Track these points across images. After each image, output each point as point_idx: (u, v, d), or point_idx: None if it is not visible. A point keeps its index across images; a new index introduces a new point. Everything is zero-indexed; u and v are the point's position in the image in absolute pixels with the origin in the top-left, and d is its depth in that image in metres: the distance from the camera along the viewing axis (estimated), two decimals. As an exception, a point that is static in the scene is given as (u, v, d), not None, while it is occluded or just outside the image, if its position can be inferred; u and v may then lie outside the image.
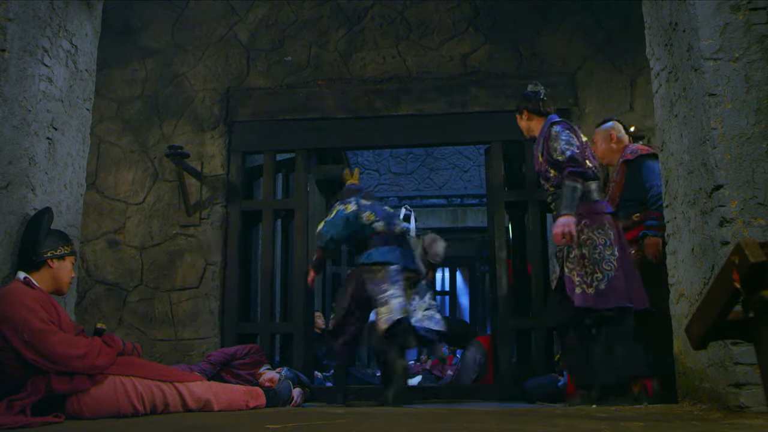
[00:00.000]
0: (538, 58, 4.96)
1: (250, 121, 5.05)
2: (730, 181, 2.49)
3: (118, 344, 2.82)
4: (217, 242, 4.84)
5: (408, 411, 2.93)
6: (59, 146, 3.22)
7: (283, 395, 3.44)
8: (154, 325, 4.75)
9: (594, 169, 3.42)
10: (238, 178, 4.98)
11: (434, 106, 4.95)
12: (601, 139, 3.92)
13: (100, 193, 4.98)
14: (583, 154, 3.37)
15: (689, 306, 2.77)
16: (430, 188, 10.11)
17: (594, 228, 3.29)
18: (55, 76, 3.17)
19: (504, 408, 3.29)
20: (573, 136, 3.40)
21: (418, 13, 5.15)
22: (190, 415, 2.75)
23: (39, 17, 3.04)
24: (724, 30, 2.60)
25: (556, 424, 2.14)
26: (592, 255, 3.24)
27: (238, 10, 5.26)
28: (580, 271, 3.24)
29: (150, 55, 5.22)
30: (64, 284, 2.87)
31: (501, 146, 4.95)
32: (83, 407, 2.58)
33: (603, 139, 3.91)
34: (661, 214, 3.19)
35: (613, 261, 3.23)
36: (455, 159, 10.20)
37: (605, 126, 3.95)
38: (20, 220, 2.87)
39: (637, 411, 2.70)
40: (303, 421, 2.38)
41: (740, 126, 2.53)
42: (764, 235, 2.41)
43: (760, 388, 2.21)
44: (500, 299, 4.76)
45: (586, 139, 3.56)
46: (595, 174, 3.42)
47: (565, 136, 3.38)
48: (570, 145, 3.35)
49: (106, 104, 5.09)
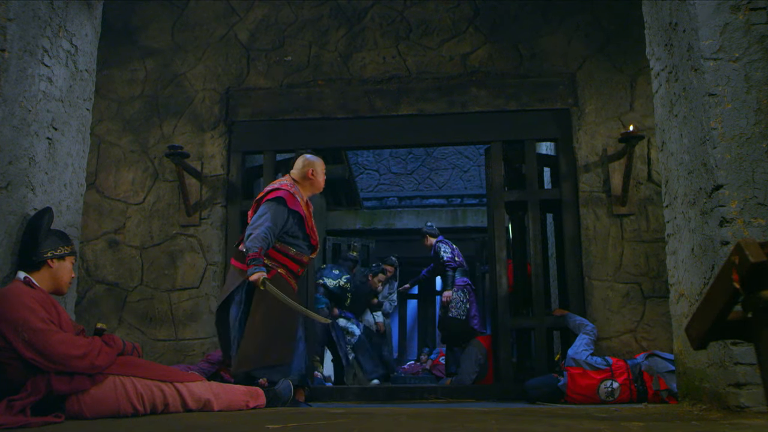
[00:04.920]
0: (538, 58, 4.96)
1: (250, 121, 5.05)
2: (730, 181, 2.49)
3: (118, 344, 2.81)
4: (217, 242, 4.84)
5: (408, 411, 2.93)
6: (59, 146, 3.22)
7: (283, 395, 3.44)
8: (154, 325, 4.75)
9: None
10: (238, 178, 4.98)
11: (434, 106, 4.95)
12: None
13: (100, 193, 4.98)
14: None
15: (689, 306, 2.77)
16: (430, 188, 10.12)
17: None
18: (55, 76, 3.17)
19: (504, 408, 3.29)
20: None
21: (418, 13, 5.15)
22: (190, 415, 2.75)
23: (39, 17, 3.04)
24: (724, 30, 2.61)
25: (556, 424, 2.14)
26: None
27: (238, 10, 5.26)
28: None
29: (150, 55, 5.22)
30: (64, 284, 2.87)
31: (501, 146, 4.95)
32: (83, 407, 2.58)
33: None
34: None
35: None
36: (455, 159, 10.20)
37: None
38: (20, 220, 2.87)
39: (637, 411, 2.70)
40: (303, 421, 2.38)
41: (740, 126, 2.53)
42: (764, 235, 2.42)
43: (760, 388, 2.22)
44: (500, 299, 4.76)
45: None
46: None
47: None
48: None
49: (106, 104, 5.09)
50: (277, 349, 3.49)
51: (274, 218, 3.49)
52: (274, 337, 3.48)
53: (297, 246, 3.67)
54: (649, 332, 4.42)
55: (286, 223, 3.56)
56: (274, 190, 3.64)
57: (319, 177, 3.81)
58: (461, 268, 6.22)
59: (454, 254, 6.18)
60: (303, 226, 3.67)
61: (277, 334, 3.49)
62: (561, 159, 4.81)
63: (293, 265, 3.66)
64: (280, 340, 3.51)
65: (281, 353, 3.50)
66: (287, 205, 3.56)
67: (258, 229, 3.44)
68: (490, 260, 5.01)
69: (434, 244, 6.35)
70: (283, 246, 3.62)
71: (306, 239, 3.71)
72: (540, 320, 4.64)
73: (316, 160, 3.84)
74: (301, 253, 3.68)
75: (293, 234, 3.63)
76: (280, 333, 3.50)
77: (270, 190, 3.65)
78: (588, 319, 4.40)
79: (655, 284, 4.47)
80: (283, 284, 3.54)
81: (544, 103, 4.87)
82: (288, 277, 3.61)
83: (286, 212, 3.56)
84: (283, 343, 3.52)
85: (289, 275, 3.63)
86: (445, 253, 6.17)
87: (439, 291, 8.85)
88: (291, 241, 3.64)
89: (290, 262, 3.64)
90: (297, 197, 3.65)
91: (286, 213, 3.56)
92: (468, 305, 5.90)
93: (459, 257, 6.24)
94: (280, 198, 3.57)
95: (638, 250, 4.54)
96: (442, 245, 6.27)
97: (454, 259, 6.13)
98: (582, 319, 4.34)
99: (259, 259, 3.38)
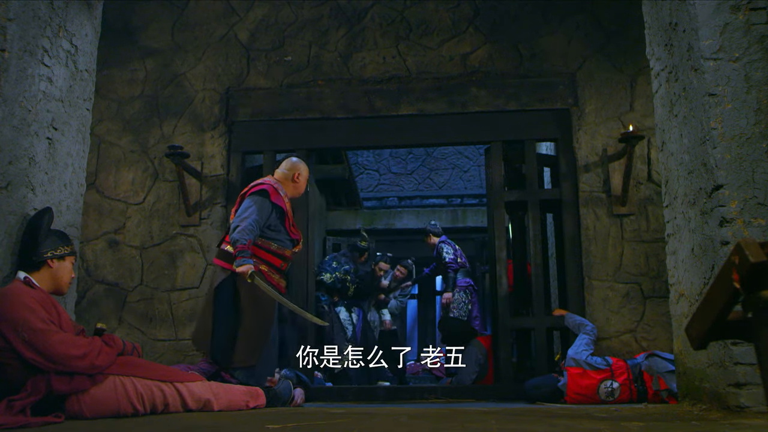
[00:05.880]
0: (538, 58, 4.96)
1: (250, 121, 5.05)
2: (730, 181, 2.49)
3: (118, 344, 2.81)
4: (217, 242, 4.82)
5: (408, 411, 2.93)
6: (59, 146, 3.22)
7: (283, 395, 3.44)
8: (154, 325, 4.75)
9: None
10: (238, 178, 4.98)
11: (434, 106, 4.95)
12: None
13: (100, 193, 4.98)
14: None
15: (689, 306, 2.77)
16: (430, 188, 10.12)
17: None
18: (55, 76, 3.17)
19: (504, 408, 3.29)
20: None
21: (418, 13, 5.15)
22: (190, 415, 2.75)
23: (39, 17, 3.04)
24: (724, 30, 2.61)
25: (556, 424, 2.14)
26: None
27: (238, 10, 5.26)
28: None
29: (150, 55, 5.21)
30: (64, 284, 2.87)
31: (501, 146, 4.95)
32: (83, 407, 2.58)
33: None
34: None
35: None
36: (455, 159, 10.21)
37: None
38: (20, 220, 2.87)
39: (637, 411, 2.70)
40: (303, 421, 2.38)
41: (740, 126, 2.53)
42: (764, 235, 2.42)
43: (760, 388, 2.21)
44: (500, 299, 4.76)
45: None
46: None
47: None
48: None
49: (106, 104, 5.09)
50: (243, 350, 3.55)
51: (260, 211, 3.57)
52: (245, 337, 3.54)
53: (278, 240, 3.71)
54: (649, 332, 4.42)
55: (269, 216, 3.63)
56: (258, 184, 3.72)
57: (302, 181, 3.89)
58: (464, 269, 6.20)
59: (457, 255, 6.17)
60: (284, 220, 3.73)
61: (247, 335, 3.55)
62: (561, 159, 4.81)
63: (275, 260, 3.71)
64: (250, 341, 3.56)
65: (246, 355, 3.55)
66: (270, 199, 3.63)
67: (245, 221, 3.51)
68: (490, 260, 5.01)
69: (437, 244, 6.33)
70: (264, 241, 3.66)
71: (287, 233, 3.76)
72: (540, 320, 4.64)
73: (303, 165, 3.94)
74: (282, 248, 3.73)
75: (275, 228, 3.69)
76: (250, 334, 3.56)
77: (254, 185, 3.73)
78: (588, 319, 4.40)
79: (655, 284, 4.47)
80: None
81: (544, 103, 4.87)
82: (270, 274, 3.66)
83: (270, 205, 3.63)
84: (250, 345, 3.56)
85: (272, 271, 3.68)
86: (447, 254, 6.16)
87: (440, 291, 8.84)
88: (272, 236, 3.69)
89: (272, 257, 3.69)
90: (280, 192, 3.72)
91: (270, 206, 3.63)
92: (470, 306, 5.89)
93: (462, 258, 6.23)
94: (263, 191, 3.65)
95: (638, 250, 4.54)
96: (444, 246, 6.26)
97: (456, 261, 6.12)
98: (582, 319, 4.34)
99: (247, 251, 3.45)
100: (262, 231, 3.62)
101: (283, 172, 3.88)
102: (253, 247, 3.55)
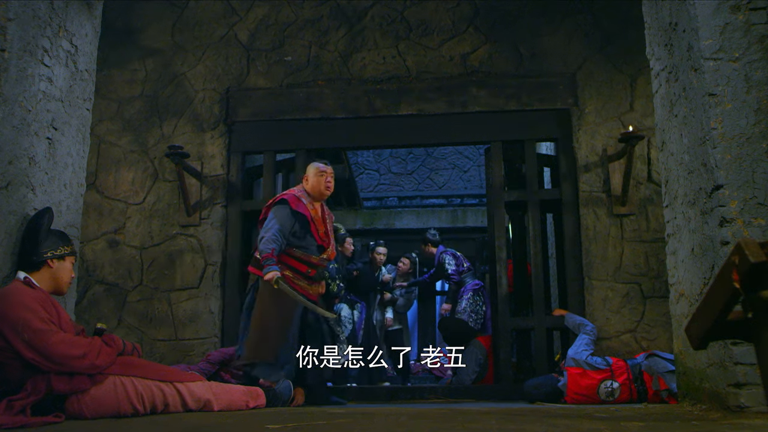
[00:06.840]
0: (538, 58, 4.96)
1: (250, 121, 5.05)
2: (730, 181, 2.49)
3: (118, 344, 2.81)
4: (217, 242, 4.84)
5: (408, 411, 2.93)
6: (59, 146, 3.22)
7: (283, 395, 3.44)
8: (154, 325, 4.75)
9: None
10: (238, 178, 4.98)
11: (434, 106, 4.95)
12: None
13: (100, 193, 4.98)
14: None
15: (689, 306, 2.77)
16: (430, 188, 10.12)
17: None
18: (55, 76, 3.17)
19: (504, 408, 3.29)
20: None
21: (418, 13, 5.15)
22: (190, 415, 2.75)
23: (39, 17, 3.04)
24: (724, 30, 2.61)
25: (556, 424, 2.14)
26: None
27: (238, 10, 5.26)
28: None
29: (150, 55, 5.21)
30: (64, 284, 2.87)
31: (501, 146, 4.95)
32: (83, 407, 2.58)
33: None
34: None
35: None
36: (455, 159, 10.20)
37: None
38: (20, 220, 2.87)
39: (637, 411, 2.70)
40: (303, 421, 2.38)
41: (740, 126, 2.53)
42: (764, 235, 2.42)
43: (760, 388, 2.22)
44: (500, 299, 4.76)
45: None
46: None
47: None
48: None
49: (106, 104, 5.09)
50: (263, 346, 3.67)
51: (281, 221, 3.77)
52: (264, 335, 3.67)
53: (302, 247, 3.85)
54: (649, 332, 4.42)
55: (293, 225, 3.81)
56: (280, 195, 3.96)
57: (311, 180, 3.97)
58: (470, 272, 6.16)
59: (459, 267, 6.10)
60: (309, 227, 3.85)
61: (266, 332, 3.67)
62: (561, 159, 4.81)
63: (301, 266, 3.83)
64: (269, 338, 3.68)
65: (263, 351, 3.66)
66: (291, 207, 3.81)
67: (269, 232, 3.72)
68: (490, 260, 5.01)
69: (440, 254, 6.26)
70: (289, 248, 3.81)
71: (314, 240, 3.89)
72: (540, 320, 4.64)
73: (309, 165, 4.06)
74: (308, 254, 3.86)
75: (299, 235, 3.84)
76: (269, 332, 3.68)
77: (277, 196, 3.98)
78: (588, 319, 4.40)
79: (655, 284, 4.47)
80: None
81: (544, 103, 4.87)
82: (295, 281, 3.78)
83: (291, 214, 3.81)
84: (269, 342, 3.67)
85: (297, 277, 3.80)
86: (449, 266, 6.09)
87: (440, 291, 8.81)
88: (296, 243, 3.83)
89: (296, 263, 3.83)
90: (303, 200, 3.87)
91: (291, 215, 3.81)
92: (484, 308, 5.84)
93: (465, 263, 6.16)
94: (283, 200, 3.86)
95: (638, 250, 4.54)
96: (447, 257, 6.17)
97: (459, 273, 6.06)
98: (582, 319, 4.34)
99: (272, 259, 3.64)
100: (287, 239, 3.79)
101: (301, 181, 4.07)
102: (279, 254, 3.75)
